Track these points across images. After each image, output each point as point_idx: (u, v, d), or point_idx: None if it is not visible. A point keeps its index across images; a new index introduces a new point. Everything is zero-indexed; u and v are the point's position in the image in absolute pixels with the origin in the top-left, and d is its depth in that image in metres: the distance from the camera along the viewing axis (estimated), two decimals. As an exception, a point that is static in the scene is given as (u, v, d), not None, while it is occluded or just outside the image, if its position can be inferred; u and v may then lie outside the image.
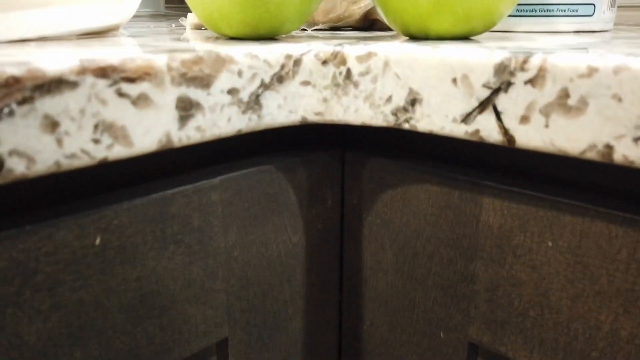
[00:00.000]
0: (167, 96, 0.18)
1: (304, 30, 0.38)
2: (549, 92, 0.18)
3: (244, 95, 0.21)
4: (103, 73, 0.16)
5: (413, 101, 0.22)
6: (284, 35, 0.29)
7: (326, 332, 0.31)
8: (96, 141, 0.17)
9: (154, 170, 0.22)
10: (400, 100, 0.22)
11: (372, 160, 0.27)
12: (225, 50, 0.20)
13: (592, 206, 0.20)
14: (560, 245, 0.21)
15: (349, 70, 0.23)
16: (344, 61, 0.23)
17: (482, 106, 0.20)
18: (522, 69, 0.18)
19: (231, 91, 0.21)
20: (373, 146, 0.28)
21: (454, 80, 0.20)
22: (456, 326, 0.26)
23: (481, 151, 0.25)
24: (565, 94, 0.18)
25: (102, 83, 0.16)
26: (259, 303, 0.26)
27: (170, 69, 0.18)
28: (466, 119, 0.20)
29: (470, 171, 0.24)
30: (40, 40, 0.24)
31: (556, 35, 0.31)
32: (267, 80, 0.22)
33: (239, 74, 0.21)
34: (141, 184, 0.21)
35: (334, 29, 0.40)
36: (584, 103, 0.17)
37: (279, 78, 0.22)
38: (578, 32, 0.33)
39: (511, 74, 0.19)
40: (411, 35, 0.27)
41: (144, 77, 0.17)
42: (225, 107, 0.20)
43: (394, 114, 0.23)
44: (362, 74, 0.23)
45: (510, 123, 0.19)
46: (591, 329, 0.21)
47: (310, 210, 0.28)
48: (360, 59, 0.23)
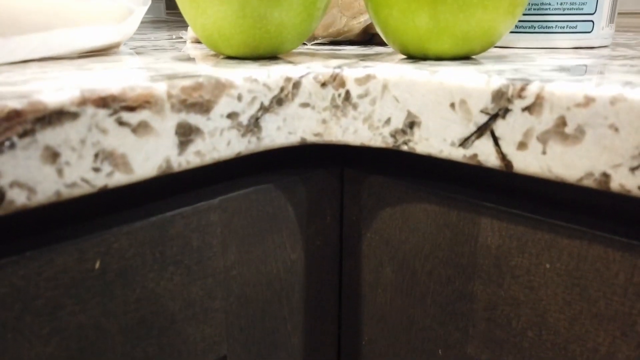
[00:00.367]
0: (167, 123, 0.18)
1: (304, 44, 0.38)
2: (546, 120, 0.18)
3: (244, 118, 0.21)
4: (104, 103, 0.16)
5: (411, 124, 0.22)
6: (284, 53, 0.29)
7: (325, 348, 0.31)
8: (96, 170, 0.17)
9: (154, 192, 0.22)
10: (398, 122, 0.22)
11: (371, 178, 0.27)
12: (225, 75, 0.20)
13: (590, 230, 0.20)
14: (558, 268, 0.21)
15: (347, 93, 0.23)
16: (342, 83, 0.23)
17: (480, 131, 0.20)
18: (520, 96, 0.19)
19: (231, 115, 0.21)
20: (372, 164, 0.29)
21: (452, 105, 0.21)
22: (454, 344, 0.26)
23: (480, 172, 0.25)
24: (562, 122, 0.18)
25: (103, 113, 0.16)
26: (258, 320, 0.26)
27: (170, 96, 0.18)
28: (464, 143, 0.21)
29: (468, 191, 0.24)
30: (41, 61, 0.25)
31: (555, 52, 0.31)
32: (267, 103, 0.22)
33: (239, 98, 0.21)
34: (141, 206, 0.21)
35: (333, 43, 0.40)
36: (581, 132, 0.17)
37: (278, 101, 0.22)
38: (577, 48, 0.33)
39: (509, 100, 0.19)
40: (410, 55, 0.27)
41: (144, 106, 0.17)
42: (224, 131, 0.21)
43: (393, 135, 0.23)
44: (361, 96, 0.23)
45: (508, 149, 0.19)
46: (589, 351, 0.21)
47: (309, 227, 0.28)
48: (359, 82, 0.23)
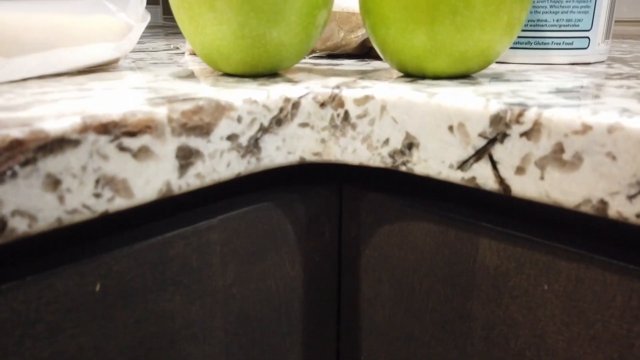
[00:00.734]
0: (168, 147, 0.18)
1: (303, 58, 0.38)
2: (544, 146, 0.18)
3: (243, 140, 0.21)
4: (105, 129, 0.16)
5: (410, 145, 0.22)
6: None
7: (323, 364, 0.31)
8: (97, 195, 0.17)
9: (153, 212, 0.22)
10: (397, 143, 0.23)
11: (370, 195, 0.27)
12: (224, 97, 0.21)
13: (588, 253, 0.20)
14: (556, 289, 0.22)
15: (346, 113, 0.23)
16: (341, 104, 0.23)
17: (478, 155, 0.20)
18: (518, 121, 0.19)
19: (231, 137, 0.21)
20: (371, 180, 0.29)
21: (451, 128, 0.21)
22: (453, 362, 0.26)
23: (478, 191, 0.25)
24: (560, 149, 0.18)
25: (104, 139, 0.17)
26: (257, 338, 0.26)
27: (170, 120, 0.18)
28: (462, 166, 0.21)
29: (467, 211, 0.24)
30: (40, 78, 0.25)
31: (551, 70, 0.31)
32: (266, 124, 0.22)
33: (239, 120, 0.21)
34: (141, 227, 0.21)
35: (331, 56, 0.40)
36: (578, 159, 0.17)
37: (278, 121, 0.22)
38: (573, 64, 0.33)
39: (507, 125, 0.19)
40: (408, 73, 0.27)
41: (145, 131, 0.18)
42: (224, 153, 0.21)
43: (391, 156, 0.23)
44: (360, 117, 0.23)
45: (506, 173, 0.19)
46: (586, 372, 0.21)
47: (308, 244, 0.28)
48: (358, 102, 0.23)
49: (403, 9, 0.24)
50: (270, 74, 0.28)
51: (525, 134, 0.19)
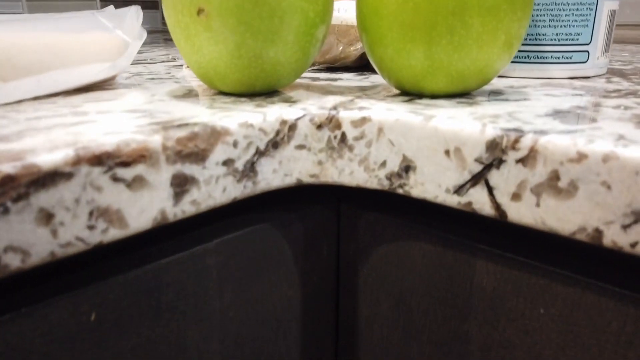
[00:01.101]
0: (162, 175, 0.18)
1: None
2: (539, 173, 0.18)
3: (239, 164, 0.21)
4: (98, 161, 0.16)
5: (407, 168, 0.22)
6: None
7: (321, 381, 0.31)
8: (91, 227, 0.17)
9: (148, 239, 0.22)
10: (394, 166, 0.22)
11: (368, 214, 0.27)
12: (220, 122, 0.20)
13: (584, 278, 0.20)
14: (552, 313, 0.21)
15: (343, 134, 0.23)
16: (338, 125, 0.23)
17: (475, 180, 0.20)
18: (514, 147, 0.19)
19: (226, 162, 0.21)
20: (368, 200, 0.29)
21: (447, 152, 0.21)
22: (451, 382, 0.26)
23: (476, 214, 0.25)
24: (555, 176, 0.18)
25: (97, 171, 0.16)
26: None
27: (165, 148, 0.18)
28: (459, 190, 0.21)
29: (464, 232, 0.24)
30: (35, 99, 0.24)
31: (550, 85, 0.31)
32: (262, 147, 0.22)
33: (234, 144, 0.21)
34: (135, 253, 0.21)
35: (330, 69, 0.40)
36: (574, 187, 0.17)
37: (274, 144, 0.22)
38: (572, 78, 0.33)
39: (503, 151, 0.19)
40: (405, 91, 0.27)
41: (139, 160, 0.17)
42: (220, 178, 0.21)
43: (389, 178, 0.23)
44: (357, 139, 0.23)
45: (502, 199, 0.19)
46: (584, 396, 0.21)
47: (306, 263, 0.28)
48: (355, 124, 0.23)
49: (400, 29, 0.24)
50: (267, 92, 0.28)
51: (521, 161, 0.19)
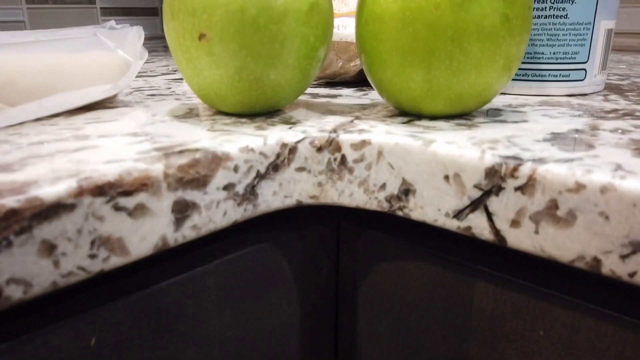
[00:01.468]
0: (164, 202, 0.19)
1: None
2: (538, 201, 0.18)
3: (240, 188, 0.21)
4: (100, 191, 0.17)
5: (406, 191, 0.22)
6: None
7: (321, 398, 0.31)
8: (93, 256, 0.17)
9: (148, 262, 0.22)
10: (393, 189, 0.23)
11: (367, 233, 0.27)
12: (221, 147, 0.21)
13: (583, 302, 0.20)
14: (551, 336, 0.22)
15: (343, 157, 0.23)
16: (338, 148, 0.23)
17: (474, 205, 0.20)
18: (513, 175, 0.19)
19: (227, 187, 0.21)
20: (368, 218, 0.29)
21: (446, 177, 0.21)
22: (450, 402, 0.26)
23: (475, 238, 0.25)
24: (554, 205, 0.18)
25: (99, 201, 0.17)
26: (254, 377, 0.26)
27: (166, 176, 0.18)
28: (458, 215, 0.21)
29: (464, 252, 0.24)
30: (37, 121, 0.25)
31: (548, 104, 0.31)
32: (263, 170, 0.22)
33: (235, 169, 0.21)
34: (135, 277, 0.21)
35: (329, 84, 0.40)
36: (572, 216, 0.18)
37: (275, 167, 0.23)
38: (570, 96, 0.34)
39: (502, 179, 0.19)
40: (405, 112, 0.27)
41: (141, 189, 0.18)
42: (221, 203, 0.21)
43: (388, 200, 0.23)
44: (357, 161, 0.23)
45: (501, 225, 0.20)
46: (582, 419, 0.21)
47: (305, 281, 0.28)
48: (355, 147, 0.23)
49: (399, 53, 0.24)
50: (268, 112, 0.28)
51: (520, 189, 0.19)
